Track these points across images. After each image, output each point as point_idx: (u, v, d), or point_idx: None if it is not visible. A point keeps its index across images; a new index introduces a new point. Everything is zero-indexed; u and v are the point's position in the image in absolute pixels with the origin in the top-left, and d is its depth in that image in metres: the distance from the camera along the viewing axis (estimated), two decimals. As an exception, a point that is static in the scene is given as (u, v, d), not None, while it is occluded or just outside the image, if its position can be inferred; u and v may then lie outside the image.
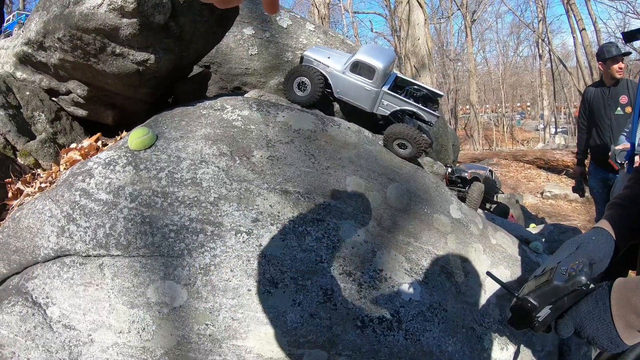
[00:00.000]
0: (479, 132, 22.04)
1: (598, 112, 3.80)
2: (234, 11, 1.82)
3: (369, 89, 2.06)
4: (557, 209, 7.22)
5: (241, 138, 1.72)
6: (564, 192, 7.93)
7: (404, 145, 1.98)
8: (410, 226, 1.82)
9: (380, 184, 1.80)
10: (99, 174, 1.61)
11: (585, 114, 3.96)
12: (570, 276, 0.85)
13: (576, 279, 0.83)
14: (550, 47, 20.91)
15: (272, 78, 2.33)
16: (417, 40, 6.39)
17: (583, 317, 0.82)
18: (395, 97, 2.06)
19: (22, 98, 1.86)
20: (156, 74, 1.69)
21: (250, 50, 2.32)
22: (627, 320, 0.77)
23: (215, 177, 1.62)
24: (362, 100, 2.11)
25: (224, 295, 1.46)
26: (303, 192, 1.68)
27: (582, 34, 14.63)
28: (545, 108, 24.36)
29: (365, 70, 2.05)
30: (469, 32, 21.14)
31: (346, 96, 2.14)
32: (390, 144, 1.99)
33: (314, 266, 1.56)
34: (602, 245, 1.03)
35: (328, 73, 2.11)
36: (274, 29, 2.35)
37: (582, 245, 1.02)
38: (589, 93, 3.93)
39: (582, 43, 14.98)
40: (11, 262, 1.63)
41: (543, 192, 8.20)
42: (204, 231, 1.52)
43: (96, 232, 1.53)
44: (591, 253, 0.99)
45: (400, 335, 1.57)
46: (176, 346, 1.44)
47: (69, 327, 1.50)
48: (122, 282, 1.49)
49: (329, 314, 1.51)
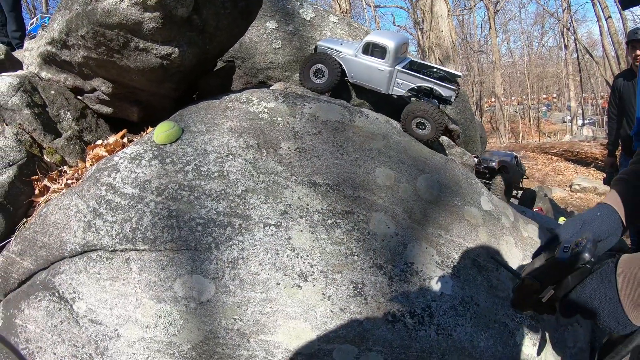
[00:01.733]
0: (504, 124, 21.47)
1: (628, 101, 3.65)
2: (257, 3, 1.80)
3: (382, 68, 2.04)
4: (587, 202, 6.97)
5: (268, 130, 1.69)
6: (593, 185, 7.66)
7: (423, 125, 1.94)
8: (441, 218, 1.75)
9: (410, 175, 1.74)
10: (125, 168, 1.60)
11: (615, 103, 3.83)
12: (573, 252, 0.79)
13: (579, 256, 0.78)
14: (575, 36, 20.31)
15: (296, 71, 2.30)
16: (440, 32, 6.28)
17: (588, 296, 0.76)
18: (410, 75, 2.03)
19: (48, 97, 1.88)
20: (180, 68, 1.68)
21: (274, 43, 2.29)
22: (635, 298, 0.71)
23: (242, 170, 1.59)
24: (377, 81, 2.09)
25: (252, 289, 1.43)
26: (332, 184, 1.63)
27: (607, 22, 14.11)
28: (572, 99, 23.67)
29: (377, 50, 2.05)
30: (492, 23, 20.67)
31: (361, 80, 2.13)
32: (408, 124, 1.95)
33: (343, 259, 1.52)
34: (607, 221, 0.97)
35: (342, 59, 2.11)
36: (298, 22, 2.32)
37: (587, 222, 0.97)
38: (619, 82, 3.80)
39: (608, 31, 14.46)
40: (38, 258, 1.63)
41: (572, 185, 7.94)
42: (232, 224, 1.49)
43: (123, 226, 1.52)
44: (597, 230, 0.95)
45: (432, 330, 1.51)
46: (203, 341, 1.41)
47: (95, 322, 1.49)
48: (149, 276, 1.47)
49: (359, 308, 1.46)
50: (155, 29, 1.54)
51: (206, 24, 1.65)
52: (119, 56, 1.68)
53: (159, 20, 1.51)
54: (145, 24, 1.53)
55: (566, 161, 9.78)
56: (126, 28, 1.57)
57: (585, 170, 9.05)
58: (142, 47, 1.61)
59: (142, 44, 1.60)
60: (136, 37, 1.59)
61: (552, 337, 1.68)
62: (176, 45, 1.60)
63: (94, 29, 1.61)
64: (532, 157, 10.13)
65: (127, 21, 1.53)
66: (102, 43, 1.65)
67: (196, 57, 1.70)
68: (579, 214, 1.03)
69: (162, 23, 1.52)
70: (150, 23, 1.52)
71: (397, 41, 2.05)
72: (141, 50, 1.62)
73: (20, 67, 2.23)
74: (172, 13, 1.52)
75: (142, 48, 1.62)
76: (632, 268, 0.73)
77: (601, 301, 0.74)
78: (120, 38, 1.60)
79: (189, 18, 1.59)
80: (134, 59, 1.66)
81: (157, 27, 1.53)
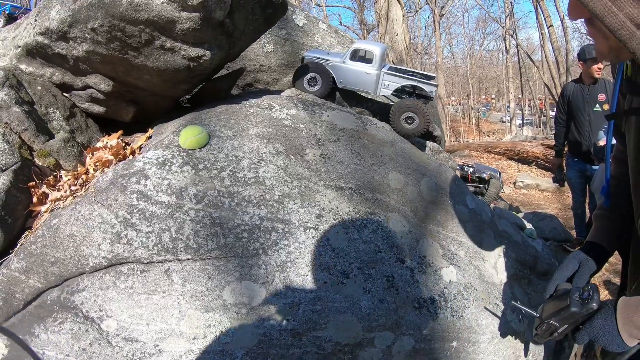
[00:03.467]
0: (446, 124, 22.87)
1: (577, 108, 4.09)
2: (282, 11, 1.82)
3: (370, 71, 2.24)
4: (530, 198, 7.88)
5: (293, 136, 1.75)
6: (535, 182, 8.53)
7: (411, 119, 2.18)
8: (439, 216, 2.00)
9: (415, 178, 1.95)
10: (155, 174, 1.53)
11: (564, 109, 4.25)
12: (584, 303, 1.11)
13: (589, 306, 1.10)
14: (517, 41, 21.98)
15: (285, 75, 2.34)
16: (395, 36, 6.67)
17: (596, 332, 1.08)
18: (395, 75, 2.26)
19: (35, 93, 1.66)
20: (205, 70, 1.64)
21: (266, 47, 2.31)
22: (630, 332, 1.03)
23: (276, 176, 1.63)
24: (365, 84, 2.28)
25: (302, 290, 1.50)
26: (355, 188, 1.76)
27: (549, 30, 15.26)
28: (512, 100, 25.87)
29: (364, 56, 2.25)
30: (436, 26, 21.84)
31: (350, 84, 2.30)
32: (397, 118, 2.18)
33: (374, 256, 1.66)
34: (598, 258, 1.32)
35: (330, 66, 2.26)
36: (291, 27, 2.36)
37: (583, 263, 1.30)
38: (569, 89, 4.21)
39: (549, 39, 15.73)
40: (48, 275, 1.49)
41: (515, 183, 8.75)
42: (276, 229, 1.54)
43: (160, 236, 1.47)
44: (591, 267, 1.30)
45: (448, 312, 1.74)
46: (257, 345, 1.44)
47: (130, 339, 1.42)
48: (194, 286, 1.45)
49: (393, 298, 1.62)
50: (190, 30, 1.50)
51: (235, 28, 1.64)
52: (134, 54, 1.58)
53: (197, 21, 1.47)
54: (180, 24, 1.48)
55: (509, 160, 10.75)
56: (155, 25, 1.49)
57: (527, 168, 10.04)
58: (168, 46, 1.55)
59: (170, 43, 1.54)
60: (164, 36, 1.53)
61: None
62: (207, 47, 1.57)
63: (112, 23, 1.49)
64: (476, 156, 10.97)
65: (158, 18, 1.46)
66: (118, 38, 1.54)
67: (220, 60, 1.68)
68: (574, 253, 1.36)
69: (200, 24, 1.48)
70: (186, 23, 1.48)
71: (381, 48, 2.28)
72: (167, 50, 1.56)
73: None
74: (211, 15, 1.49)
75: (168, 48, 1.55)
76: (627, 312, 1.04)
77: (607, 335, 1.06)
78: (144, 35, 1.52)
79: (222, 21, 1.57)
80: (156, 58, 1.58)
81: (194, 27, 1.49)
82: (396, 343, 1.60)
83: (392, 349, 1.60)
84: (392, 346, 1.59)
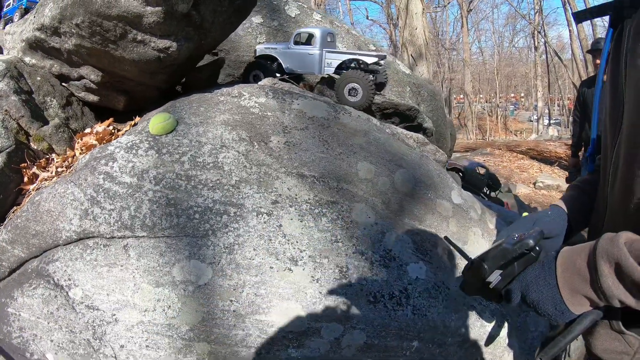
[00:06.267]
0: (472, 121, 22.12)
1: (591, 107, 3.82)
2: (252, 2, 1.87)
3: (312, 52, 2.29)
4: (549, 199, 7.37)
5: (259, 124, 1.79)
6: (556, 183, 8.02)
7: (355, 91, 2.18)
8: (416, 210, 1.93)
9: (388, 169, 1.90)
10: (122, 157, 1.65)
11: (580, 107, 4.02)
12: (519, 240, 0.85)
13: (523, 242, 0.83)
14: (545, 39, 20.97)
15: (278, 66, 2.39)
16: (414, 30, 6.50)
17: (529, 282, 0.80)
18: (335, 52, 2.30)
19: (34, 83, 1.87)
20: (175, 61, 1.73)
21: (259, 38, 2.37)
22: (572, 283, 0.74)
23: (235, 161, 1.68)
24: (309, 65, 2.33)
25: (247, 273, 1.54)
26: (318, 176, 1.76)
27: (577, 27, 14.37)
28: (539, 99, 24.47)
29: (305, 38, 2.31)
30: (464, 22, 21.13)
31: (294, 67, 2.37)
32: (341, 91, 2.20)
33: (329, 245, 1.66)
34: (557, 220, 1.06)
35: (277, 53, 2.35)
36: (283, 18, 2.41)
37: (539, 221, 1.05)
38: (584, 89, 3.97)
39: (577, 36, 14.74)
40: (30, 246, 1.66)
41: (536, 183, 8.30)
42: (227, 212, 1.59)
43: (121, 214, 1.58)
44: (547, 227, 1.03)
45: (408, 310, 1.68)
46: (201, 322, 1.51)
47: (92, 307, 1.55)
48: (148, 262, 1.55)
49: (344, 290, 1.61)
50: (155, 23, 1.59)
51: (203, 20, 1.71)
52: (114, 46, 1.71)
53: (160, 14, 1.56)
54: (146, 18, 1.58)
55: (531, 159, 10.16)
56: (125, 20, 1.60)
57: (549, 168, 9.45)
58: (140, 39, 1.66)
59: (140, 36, 1.65)
60: (135, 30, 1.63)
61: (515, 322, 1.90)
62: (174, 39, 1.66)
63: (91, 19, 1.63)
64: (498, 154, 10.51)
65: (127, 13, 1.57)
66: (98, 33, 1.68)
67: (190, 51, 1.76)
68: (532, 214, 1.12)
69: (163, 17, 1.57)
70: (151, 17, 1.57)
71: (323, 30, 2.33)
72: (139, 42, 1.67)
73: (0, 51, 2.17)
74: (174, 8, 1.57)
75: (139, 40, 1.66)
76: (571, 255, 0.77)
77: (541, 286, 0.78)
78: (118, 29, 1.64)
79: (188, 14, 1.65)
80: (130, 50, 1.70)
81: (158, 21, 1.58)
82: (345, 336, 1.58)
83: (341, 341, 1.58)
84: (341, 338, 1.58)
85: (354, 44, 2.44)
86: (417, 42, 6.70)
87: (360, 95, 2.12)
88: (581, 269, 0.73)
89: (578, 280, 0.73)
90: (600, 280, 0.69)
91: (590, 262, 0.71)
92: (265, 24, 2.36)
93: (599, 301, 0.72)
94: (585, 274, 0.72)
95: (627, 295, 0.68)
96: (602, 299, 0.71)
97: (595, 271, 0.70)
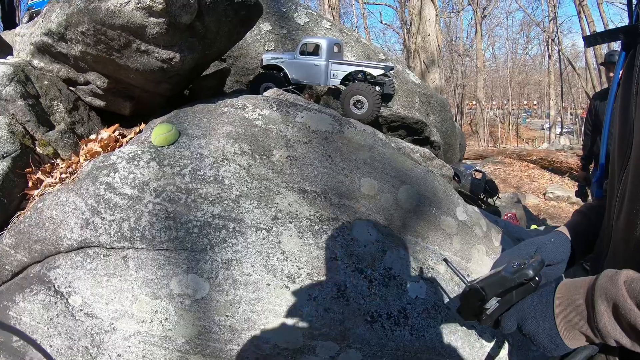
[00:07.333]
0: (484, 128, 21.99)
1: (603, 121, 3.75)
2: (257, 12, 1.85)
3: (318, 63, 2.27)
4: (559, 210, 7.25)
5: (261, 137, 1.77)
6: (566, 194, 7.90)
7: (361, 103, 2.15)
8: (419, 227, 1.90)
9: (392, 185, 1.87)
10: (123, 168, 1.66)
11: (591, 120, 3.91)
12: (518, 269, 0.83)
13: (523, 272, 0.82)
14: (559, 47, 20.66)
15: (285, 73, 2.37)
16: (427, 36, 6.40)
17: (526, 312, 0.80)
18: (342, 64, 2.26)
19: (41, 88, 1.88)
20: (180, 71, 1.73)
21: (267, 45, 2.35)
22: (569, 318, 0.74)
23: (236, 175, 1.67)
24: (315, 76, 2.30)
25: (244, 289, 1.53)
26: (320, 192, 1.74)
27: None
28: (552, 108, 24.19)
29: (311, 49, 2.28)
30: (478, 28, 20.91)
31: (300, 78, 2.33)
32: (346, 103, 2.18)
33: (329, 263, 1.64)
34: (560, 248, 1.03)
35: (283, 63, 2.32)
36: (291, 26, 2.38)
37: (541, 247, 1.01)
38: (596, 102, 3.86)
39: None
40: (32, 251, 1.68)
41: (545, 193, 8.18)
42: (226, 227, 1.59)
43: (121, 225, 1.59)
44: (549, 255, 1.00)
45: (406, 330, 1.66)
46: (197, 336, 1.51)
47: (91, 315, 1.57)
48: (146, 273, 1.55)
49: (341, 308, 1.59)
50: (158, 34, 1.58)
51: (207, 31, 1.70)
52: (118, 55, 1.71)
53: (164, 25, 1.55)
54: (149, 28, 1.57)
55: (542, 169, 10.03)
56: (129, 30, 1.60)
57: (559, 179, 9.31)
58: (143, 49, 1.65)
59: (144, 46, 1.64)
60: (138, 40, 1.63)
61: (516, 341, 1.87)
62: (177, 50, 1.65)
63: (96, 27, 1.63)
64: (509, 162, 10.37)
65: (130, 24, 1.57)
66: (103, 41, 1.68)
67: (195, 62, 1.75)
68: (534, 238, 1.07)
69: (166, 29, 1.56)
70: (154, 28, 1.56)
71: (329, 40, 2.29)
72: (142, 52, 1.66)
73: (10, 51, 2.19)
74: (177, 20, 1.56)
75: (143, 50, 1.65)
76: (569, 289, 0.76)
77: (538, 317, 0.77)
78: (122, 39, 1.63)
79: (192, 24, 1.63)
80: (134, 59, 1.69)
81: (161, 32, 1.57)
82: (341, 355, 1.57)
83: (337, 360, 1.58)
84: (337, 357, 1.57)
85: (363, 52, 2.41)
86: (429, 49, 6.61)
87: (366, 108, 2.09)
88: (579, 305, 0.73)
89: (575, 316, 0.73)
90: (597, 318, 0.69)
91: (589, 299, 0.71)
92: (274, 31, 2.34)
93: (595, 338, 0.72)
94: (582, 310, 0.72)
95: (623, 335, 0.67)
96: (597, 337, 0.71)
97: (593, 309, 0.69)
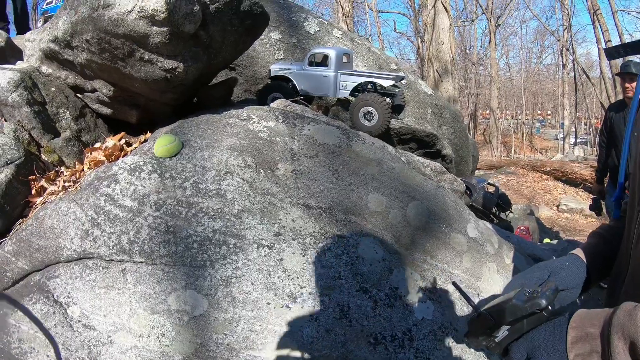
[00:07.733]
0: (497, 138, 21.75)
1: (619, 133, 3.63)
2: (264, 21, 1.81)
3: (327, 74, 2.21)
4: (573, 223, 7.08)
5: (266, 150, 1.73)
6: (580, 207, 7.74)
7: (370, 115, 2.08)
8: (428, 244, 1.83)
9: (401, 201, 1.81)
10: (124, 180, 1.63)
11: (606, 133, 3.82)
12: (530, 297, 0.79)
13: (535, 301, 0.78)
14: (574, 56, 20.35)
15: (295, 82, 2.33)
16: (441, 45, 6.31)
17: (537, 344, 0.76)
18: (351, 75, 2.20)
19: (48, 94, 1.88)
20: (184, 81, 1.70)
21: (277, 54, 2.31)
22: (582, 353, 0.70)
23: (239, 189, 1.63)
24: (324, 87, 2.24)
25: (243, 307, 1.49)
26: (325, 208, 1.69)
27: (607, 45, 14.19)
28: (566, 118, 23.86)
29: (320, 59, 2.22)
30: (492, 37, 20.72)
31: (309, 89, 2.28)
32: (356, 115, 2.11)
33: (332, 282, 1.58)
34: (574, 273, 0.98)
35: (291, 74, 2.26)
36: (302, 35, 2.34)
37: (555, 272, 0.97)
38: (611, 114, 3.77)
39: None
40: (33, 260, 1.67)
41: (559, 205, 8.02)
42: (227, 243, 1.55)
43: (120, 238, 1.56)
44: (563, 280, 0.95)
45: (411, 353, 1.59)
46: (194, 353, 1.47)
47: (89, 327, 1.54)
48: (144, 288, 1.52)
49: (344, 330, 1.53)
50: (161, 43, 1.56)
51: (212, 40, 1.66)
52: (122, 64, 1.69)
53: (166, 35, 1.53)
54: (152, 38, 1.54)
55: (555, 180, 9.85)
56: (132, 39, 1.58)
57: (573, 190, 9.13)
58: (147, 58, 1.63)
59: (148, 55, 1.62)
60: (142, 49, 1.61)
61: None
62: (181, 60, 1.62)
63: (100, 36, 1.61)
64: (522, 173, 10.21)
65: (133, 32, 1.54)
66: (107, 50, 1.66)
67: (200, 71, 1.72)
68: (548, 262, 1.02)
69: (168, 38, 1.53)
70: (157, 37, 1.54)
71: (337, 50, 2.23)
72: (146, 61, 1.64)
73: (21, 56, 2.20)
74: (180, 29, 1.53)
75: (147, 59, 1.63)
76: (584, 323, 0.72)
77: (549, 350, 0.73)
78: (126, 47, 1.61)
79: (196, 34, 1.60)
80: (138, 69, 1.67)
81: (164, 41, 1.54)
82: (342, 377, 1.51)
83: (338, 382, 1.52)
84: (338, 379, 1.51)
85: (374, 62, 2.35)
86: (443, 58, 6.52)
87: (376, 120, 2.03)
88: (593, 340, 0.69)
89: (589, 352, 0.69)
90: (613, 356, 0.65)
91: (604, 334, 0.67)
92: (283, 40, 2.30)
93: None
94: (597, 346, 0.68)
95: None
96: None
97: (609, 345, 0.65)
